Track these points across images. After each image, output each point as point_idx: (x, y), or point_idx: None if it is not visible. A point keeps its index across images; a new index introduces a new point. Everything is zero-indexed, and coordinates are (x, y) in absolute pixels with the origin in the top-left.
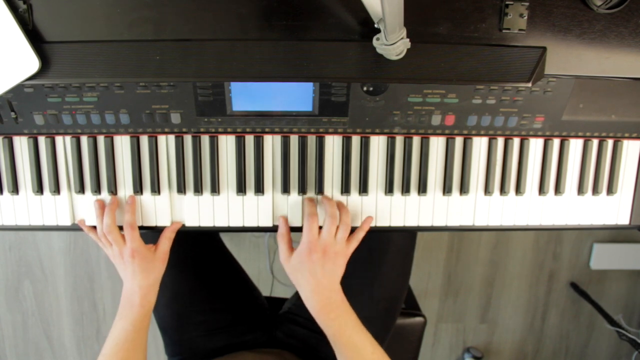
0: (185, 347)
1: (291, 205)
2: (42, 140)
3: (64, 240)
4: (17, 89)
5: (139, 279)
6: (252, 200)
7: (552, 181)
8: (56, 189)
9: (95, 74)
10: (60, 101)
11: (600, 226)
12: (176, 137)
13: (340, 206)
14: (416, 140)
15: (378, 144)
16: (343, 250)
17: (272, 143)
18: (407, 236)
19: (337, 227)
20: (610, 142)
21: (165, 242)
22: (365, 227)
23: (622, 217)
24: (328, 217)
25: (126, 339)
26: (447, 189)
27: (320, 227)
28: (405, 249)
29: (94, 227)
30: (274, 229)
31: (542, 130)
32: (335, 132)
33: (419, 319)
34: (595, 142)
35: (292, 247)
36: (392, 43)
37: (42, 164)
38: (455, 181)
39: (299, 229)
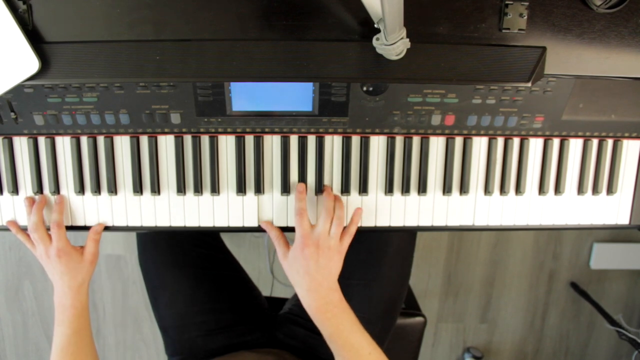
0: (185, 347)
1: (291, 206)
2: (42, 140)
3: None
4: (17, 89)
5: (66, 279)
6: (252, 200)
7: (552, 181)
8: (56, 190)
9: (95, 74)
10: (60, 101)
11: (600, 226)
12: (176, 137)
13: (335, 200)
14: (416, 140)
15: (378, 144)
16: (337, 246)
17: (272, 143)
18: (406, 237)
19: (331, 222)
20: (610, 142)
21: (91, 244)
22: (356, 219)
23: (622, 216)
24: (324, 210)
25: (69, 342)
26: (447, 189)
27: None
28: (404, 250)
29: (24, 229)
30: None
31: (542, 130)
32: (335, 132)
33: (419, 319)
34: (595, 142)
35: (288, 246)
36: (392, 43)
37: (42, 164)
38: (455, 181)
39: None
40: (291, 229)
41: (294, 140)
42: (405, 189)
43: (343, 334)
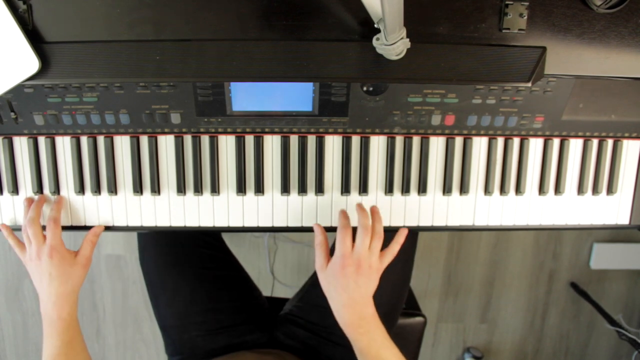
0: (186, 346)
1: (291, 206)
2: (42, 140)
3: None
4: (17, 89)
5: (55, 284)
6: (252, 200)
7: (552, 181)
8: (56, 189)
9: (95, 74)
10: (60, 101)
11: (600, 226)
12: (176, 137)
13: (373, 215)
14: (416, 140)
15: (378, 144)
16: (377, 264)
17: (272, 143)
18: (407, 239)
19: (371, 238)
20: (610, 142)
21: (87, 246)
22: (400, 239)
23: (622, 216)
24: (361, 228)
25: (59, 354)
26: (447, 189)
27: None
28: (405, 253)
29: (16, 231)
30: (273, 229)
31: (542, 130)
32: (335, 132)
33: (419, 319)
34: (595, 142)
35: (329, 256)
36: (392, 43)
37: (42, 164)
38: (455, 181)
39: (298, 229)
40: (291, 229)
41: (294, 140)
42: (405, 189)
43: (373, 349)
